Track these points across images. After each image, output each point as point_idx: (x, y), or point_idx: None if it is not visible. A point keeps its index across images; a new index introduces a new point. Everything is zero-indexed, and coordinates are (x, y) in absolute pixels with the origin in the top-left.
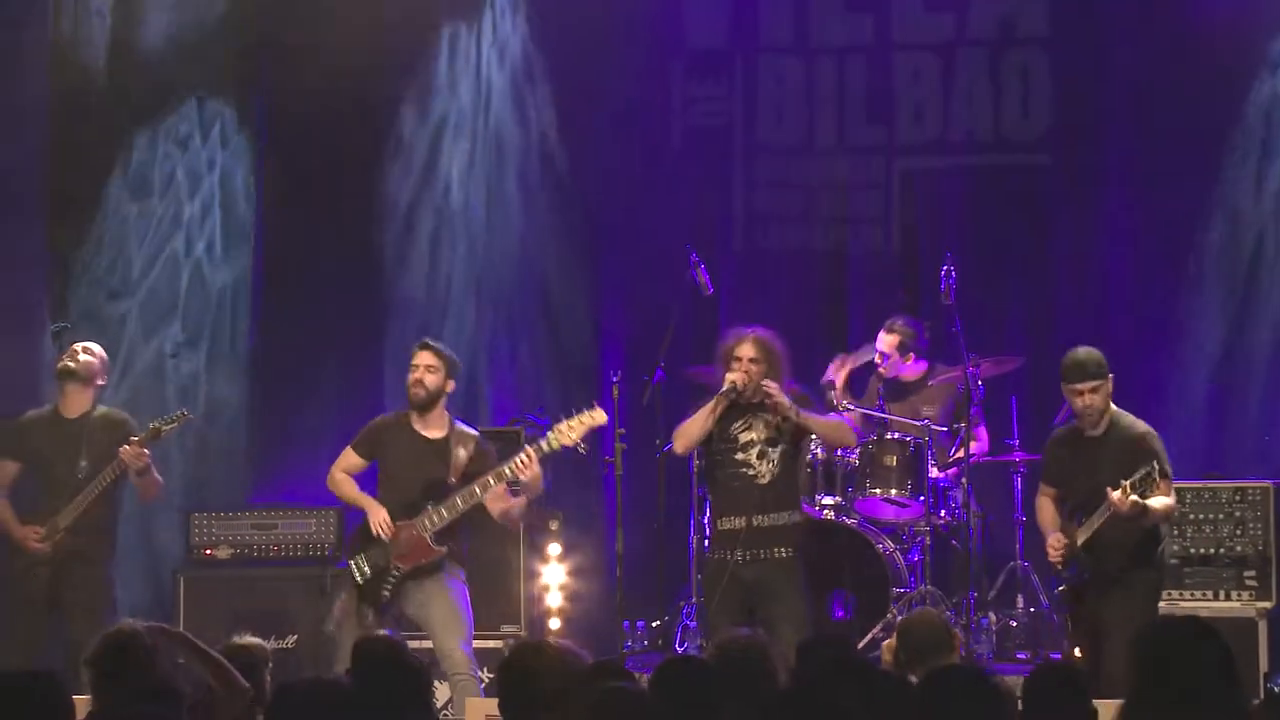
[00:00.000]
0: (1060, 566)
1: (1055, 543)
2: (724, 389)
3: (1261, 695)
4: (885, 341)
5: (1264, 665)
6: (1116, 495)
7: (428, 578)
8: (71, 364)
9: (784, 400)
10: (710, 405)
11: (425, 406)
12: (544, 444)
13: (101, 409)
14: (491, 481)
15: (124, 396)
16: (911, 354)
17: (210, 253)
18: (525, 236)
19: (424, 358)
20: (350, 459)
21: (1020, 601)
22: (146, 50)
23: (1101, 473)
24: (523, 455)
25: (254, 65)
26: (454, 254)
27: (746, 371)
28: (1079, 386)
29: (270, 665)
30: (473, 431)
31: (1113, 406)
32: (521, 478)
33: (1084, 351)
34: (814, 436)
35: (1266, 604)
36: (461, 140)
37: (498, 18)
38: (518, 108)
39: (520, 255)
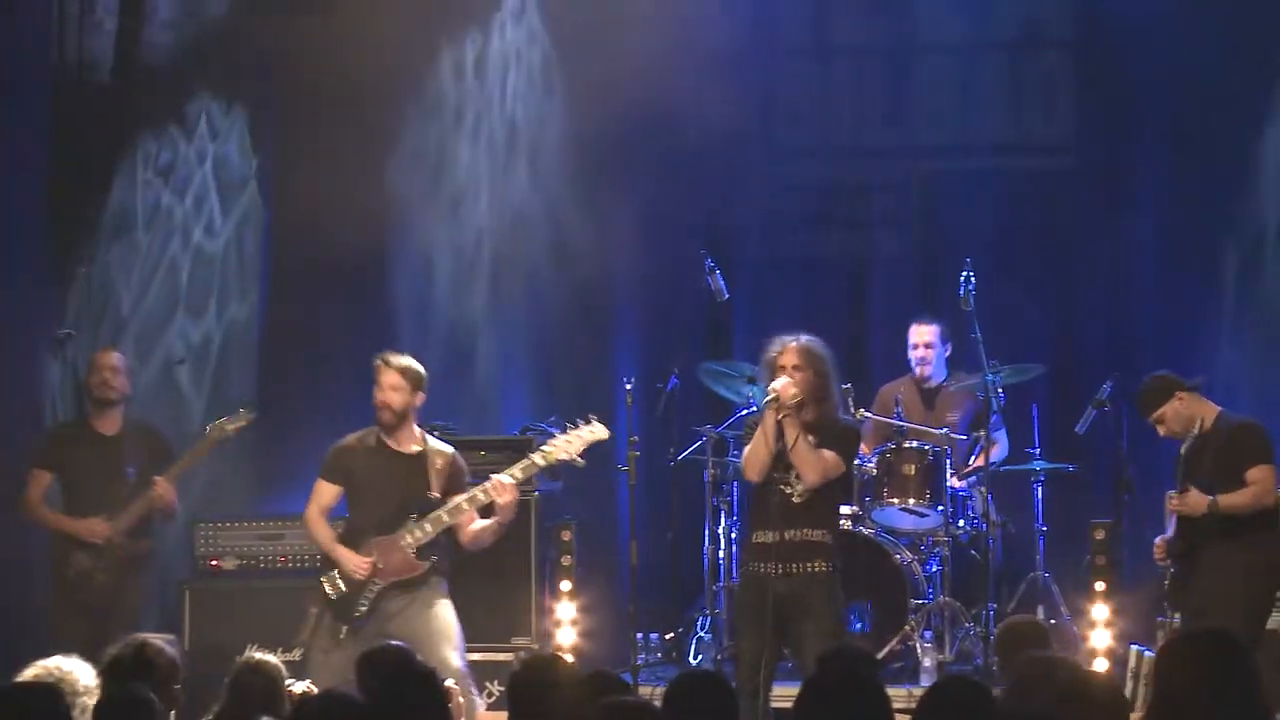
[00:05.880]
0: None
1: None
2: (766, 399)
3: None
4: (924, 334)
5: None
6: (1173, 499)
7: (411, 591)
8: (112, 394)
9: (792, 404)
10: (766, 425)
11: (394, 426)
12: (539, 458)
13: (135, 422)
14: (480, 496)
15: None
16: (948, 345)
17: (218, 264)
18: (537, 241)
19: (387, 377)
20: (325, 492)
21: (1041, 613)
22: (151, 59)
23: (1205, 469)
24: (498, 479)
25: (259, 73)
26: (465, 258)
27: (790, 379)
28: (1150, 421)
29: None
30: (447, 448)
31: (1210, 407)
32: (498, 501)
33: (1143, 385)
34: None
35: None
36: (471, 144)
37: (510, 19)
38: (529, 111)
39: (532, 260)
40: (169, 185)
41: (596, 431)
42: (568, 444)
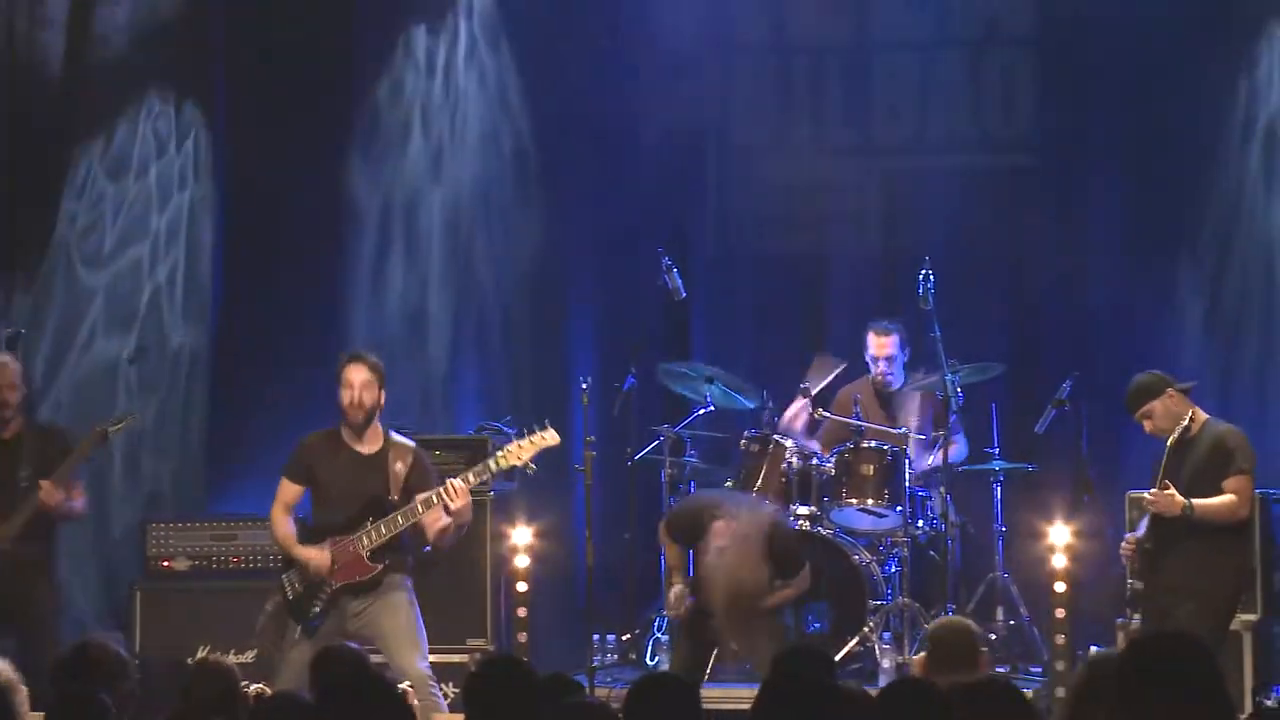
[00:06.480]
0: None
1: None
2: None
3: (1248, 710)
4: (883, 345)
5: (1250, 679)
6: (1149, 495)
7: (372, 592)
8: (7, 412)
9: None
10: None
11: (364, 426)
12: (492, 464)
13: (37, 423)
14: (434, 500)
15: (74, 397)
16: (908, 351)
17: (170, 260)
18: (493, 239)
19: (359, 373)
20: (289, 490)
21: (1000, 614)
22: (102, 48)
23: (1185, 473)
24: (452, 483)
25: (213, 64)
26: (420, 257)
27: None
28: (1136, 417)
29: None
30: (409, 443)
31: (1199, 412)
32: (451, 505)
33: (1134, 381)
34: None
35: (1252, 617)
36: (428, 142)
37: (466, 18)
38: (486, 109)
39: (488, 258)
40: (120, 179)
41: (549, 438)
42: (520, 450)
